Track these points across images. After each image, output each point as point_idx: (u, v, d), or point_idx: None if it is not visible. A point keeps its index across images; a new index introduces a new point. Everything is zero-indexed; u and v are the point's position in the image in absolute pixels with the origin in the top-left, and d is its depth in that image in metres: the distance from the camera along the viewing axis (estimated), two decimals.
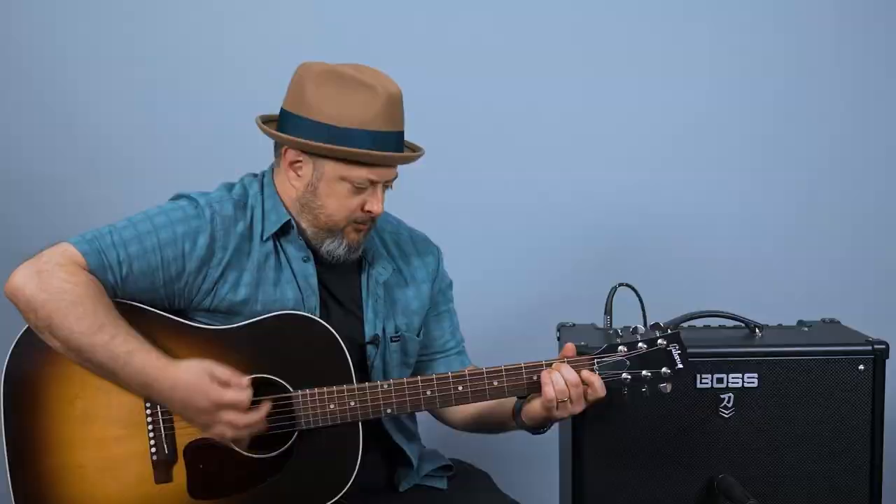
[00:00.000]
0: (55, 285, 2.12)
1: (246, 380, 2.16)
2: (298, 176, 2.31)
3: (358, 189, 2.27)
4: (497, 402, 2.35)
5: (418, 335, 2.49)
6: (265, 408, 2.18)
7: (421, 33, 3.42)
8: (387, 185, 2.32)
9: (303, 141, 2.25)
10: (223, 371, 2.16)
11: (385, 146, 2.24)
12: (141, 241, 2.21)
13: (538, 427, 2.34)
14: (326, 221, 2.30)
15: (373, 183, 2.27)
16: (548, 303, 3.41)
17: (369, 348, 2.38)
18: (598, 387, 2.22)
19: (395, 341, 2.42)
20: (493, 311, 3.48)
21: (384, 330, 2.40)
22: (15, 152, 3.46)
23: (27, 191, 3.47)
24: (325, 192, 2.28)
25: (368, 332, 2.38)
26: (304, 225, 2.33)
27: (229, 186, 2.38)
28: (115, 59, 3.43)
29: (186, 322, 2.27)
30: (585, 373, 2.22)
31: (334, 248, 2.32)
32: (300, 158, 2.29)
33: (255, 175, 2.41)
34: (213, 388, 2.14)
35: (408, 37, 3.40)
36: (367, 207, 2.29)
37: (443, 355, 2.56)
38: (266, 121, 2.36)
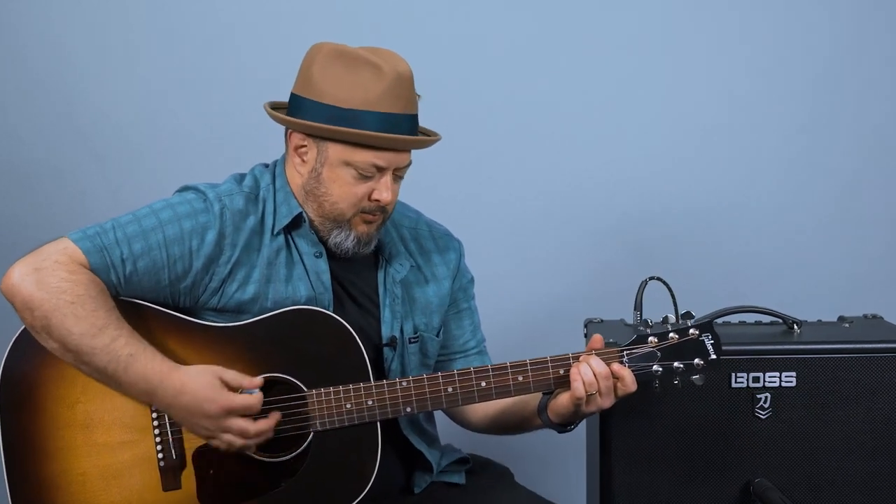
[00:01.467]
0: (53, 284, 2.05)
1: (258, 380, 2.12)
2: (303, 161, 2.24)
3: (364, 176, 2.19)
4: (520, 398, 2.29)
5: (438, 335, 2.42)
6: (275, 417, 2.14)
7: (442, 22, 3.37)
8: (398, 173, 2.24)
9: (304, 122, 2.18)
10: (233, 375, 2.11)
11: (394, 129, 2.15)
12: (146, 237, 2.15)
13: (565, 424, 2.27)
14: (331, 210, 2.22)
15: (380, 169, 2.19)
16: (574, 298, 3.37)
17: (386, 350, 2.31)
18: (629, 381, 2.16)
19: (413, 342, 2.36)
20: (517, 307, 3.43)
21: (402, 331, 2.33)
22: (14, 141, 3.42)
23: (27, 182, 3.42)
24: (329, 177, 2.20)
25: (385, 333, 2.32)
26: (311, 214, 2.26)
27: (239, 178, 2.31)
28: (118, 44, 3.39)
29: (193, 320, 2.21)
30: (616, 366, 2.16)
31: (342, 240, 2.24)
32: (305, 143, 2.22)
33: (267, 165, 2.35)
34: (223, 393, 2.08)
35: (428, 27, 3.35)
36: (374, 196, 2.20)
37: (462, 355, 2.49)
38: (276, 107, 2.29)
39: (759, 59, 3.39)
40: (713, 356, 2.19)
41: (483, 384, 2.18)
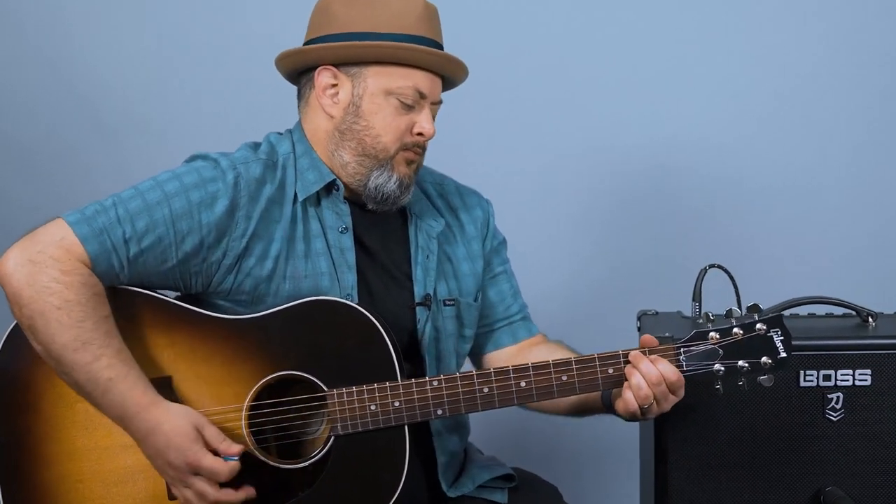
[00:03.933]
0: (44, 282, 1.95)
1: (236, 449, 2.01)
2: (335, 102, 2.17)
3: (406, 106, 2.15)
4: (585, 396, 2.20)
5: (475, 300, 2.34)
6: (245, 493, 2.03)
7: None
8: (432, 109, 2.21)
9: (348, 44, 2.12)
10: (214, 433, 2.02)
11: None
12: (150, 213, 2.04)
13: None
14: (373, 145, 2.16)
15: (422, 97, 2.16)
16: (627, 287, 3.31)
17: (419, 311, 2.23)
18: (675, 381, 2.05)
19: (448, 305, 2.28)
20: (562, 296, 3.36)
21: (435, 292, 2.25)
22: (13, 113, 3.37)
23: (26, 156, 3.38)
24: (370, 109, 2.15)
25: (418, 292, 2.24)
26: (347, 157, 2.17)
27: (254, 145, 2.23)
28: (122, 8, 3.35)
29: (203, 311, 2.09)
30: (661, 365, 2.05)
31: (383, 181, 2.17)
32: (336, 81, 2.17)
33: (281, 133, 2.27)
34: (195, 447, 1.99)
35: None
36: (416, 129, 2.17)
37: (506, 323, 2.41)
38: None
39: (835, 28, 3.30)
40: (783, 354, 2.09)
41: (523, 384, 2.07)
